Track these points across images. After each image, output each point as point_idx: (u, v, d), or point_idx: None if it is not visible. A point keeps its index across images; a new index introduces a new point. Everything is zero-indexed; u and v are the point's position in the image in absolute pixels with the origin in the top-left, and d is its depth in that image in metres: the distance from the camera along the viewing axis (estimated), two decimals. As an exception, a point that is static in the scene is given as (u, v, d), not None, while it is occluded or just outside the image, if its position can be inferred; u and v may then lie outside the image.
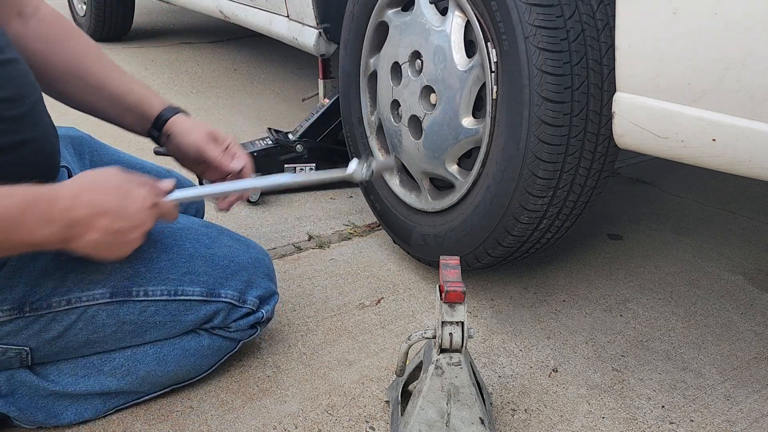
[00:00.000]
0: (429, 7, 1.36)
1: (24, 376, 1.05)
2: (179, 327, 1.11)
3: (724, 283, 1.57)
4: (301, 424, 1.11)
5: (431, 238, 1.44)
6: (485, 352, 1.31)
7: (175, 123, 1.17)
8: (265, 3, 2.18)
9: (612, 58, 1.11)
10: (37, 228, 0.86)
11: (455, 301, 0.95)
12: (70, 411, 1.08)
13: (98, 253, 0.93)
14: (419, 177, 1.49)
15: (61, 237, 0.89)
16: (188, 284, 1.10)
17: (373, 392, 1.19)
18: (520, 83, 1.16)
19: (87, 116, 1.19)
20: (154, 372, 1.11)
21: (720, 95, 0.93)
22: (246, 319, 1.15)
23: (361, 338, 1.34)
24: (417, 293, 1.50)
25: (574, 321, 1.41)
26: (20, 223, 0.85)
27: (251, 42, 3.83)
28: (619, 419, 1.14)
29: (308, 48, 2.02)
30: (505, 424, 1.12)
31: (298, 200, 1.96)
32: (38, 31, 1.12)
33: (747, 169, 0.95)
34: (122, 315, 1.06)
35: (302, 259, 1.63)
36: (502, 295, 1.49)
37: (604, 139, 1.20)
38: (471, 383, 0.99)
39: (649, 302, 1.48)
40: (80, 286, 1.03)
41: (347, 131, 1.70)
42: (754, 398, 1.20)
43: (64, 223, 0.88)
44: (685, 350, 1.33)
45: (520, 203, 1.22)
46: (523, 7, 1.13)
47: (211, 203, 1.87)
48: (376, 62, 1.56)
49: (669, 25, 0.95)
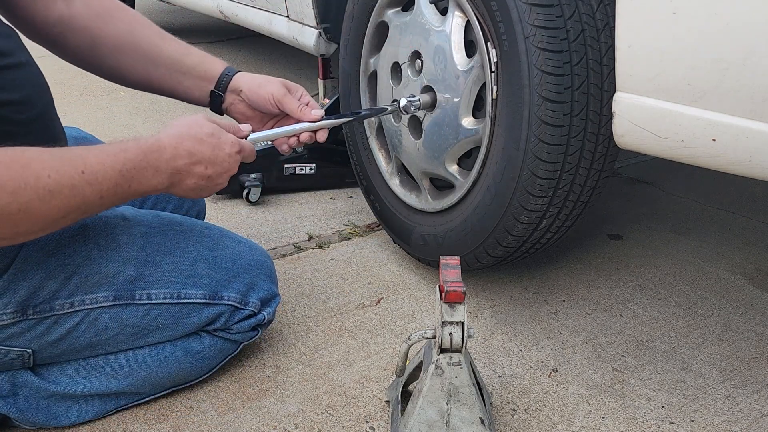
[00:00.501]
0: (429, 7, 1.36)
1: (25, 378, 1.05)
2: (182, 329, 1.11)
3: (724, 283, 1.57)
4: (301, 424, 1.11)
5: (431, 238, 1.44)
6: (485, 352, 1.31)
7: (243, 79, 1.19)
8: (265, 3, 2.18)
9: (612, 58, 1.11)
10: (149, 178, 0.94)
11: (455, 301, 0.95)
12: (70, 412, 1.08)
13: (192, 195, 1.01)
14: (419, 177, 1.49)
15: (167, 184, 0.96)
16: (191, 287, 1.10)
17: (373, 392, 1.19)
18: (520, 83, 1.16)
19: (88, 117, 1.19)
20: (155, 373, 1.11)
21: (720, 95, 0.93)
22: (247, 321, 1.15)
23: (361, 338, 1.34)
24: (417, 293, 1.50)
25: (574, 321, 1.41)
26: (136, 175, 0.92)
27: (251, 42, 3.83)
28: (619, 419, 1.14)
29: (308, 48, 2.02)
30: (505, 424, 1.12)
31: (298, 200, 1.96)
32: (84, 10, 1.13)
33: (747, 169, 0.95)
34: (125, 318, 1.06)
35: (302, 259, 1.63)
36: (502, 295, 1.49)
37: (604, 139, 1.20)
38: (471, 383, 0.99)
39: (649, 302, 1.48)
40: (84, 289, 1.03)
41: (347, 131, 1.70)
42: (754, 398, 1.20)
43: (169, 173, 0.96)
44: (685, 350, 1.33)
45: (520, 203, 1.22)
46: (523, 7, 1.13)
47: (212, 203, 1.87)
48: (376, 62, 1.56)
49: (669, 25, 0.95)
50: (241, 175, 1.90)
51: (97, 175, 0.87)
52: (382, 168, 1.60)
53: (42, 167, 0.82)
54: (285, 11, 2.09)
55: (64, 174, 0.84)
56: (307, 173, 1.99)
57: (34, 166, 0.82)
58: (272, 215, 1.86)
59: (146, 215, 1.14)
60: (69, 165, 0.85)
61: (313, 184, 2.01)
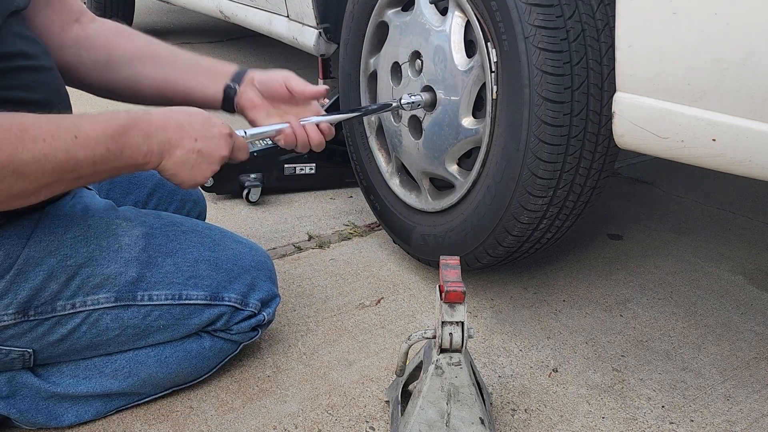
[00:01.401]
0: (429, 7, 1.36)
1: (25, 378, 1.05)
2: (183, 330, 1.11)
3: (724, 283, 1.57)
4: (301, 424, 1.11)
5: (431, 238, 1.44)
6: (485, 352, 1.31)
7: (256, 71, 1.25)
8: (265, 3, 2.18)
9: (612, 58, 1.11)
10: (139, 144, 0.95)
11: (455, 301, 0.95)
12: (70, 413, 1.08)
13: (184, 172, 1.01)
14: (419, 177, 1.49)
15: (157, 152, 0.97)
16: (192, 288, 1.10)
17: (373, 392, 1.19)
18: (520, 83, 1.16)
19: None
20: (155, 374, 1.11)
21: (720, 95, 0.93)
22: (248, 322, 1.15)
23: (361, 338, 1.34)
24: (417, 293, 1.50)
25: (574, 321, 1.41)
26: (127, 141, 0.94)
27: (251, 42, 3.83)
28: (619, 419, 1.14)
29: (308, 48, 2.02)
30: (505, 424, 1.12)
31: (298, 200, 1.96)
32: (101, 29, 1.20)
33: (747, 169, 0.95)
34: (126, 319, 1.06)
35: (302, 259, 1.63)
36: (502, 295, 1.49)
37: (604, 139, 1.20)
38: (471, 383, 0.99)
39: (649, 302, 1.48)
40: (85, 290, 1.03)
41: (347, 131, 1.70)
42: (754, 398, 1.20)
43: (158, 141, 0.97)
44: (685, 350, 1.33)
45: (520, 203, 1.22)
46: (523, 7, 1.13)
47: (212, 203, 1.87)
48: (376, 62, 1.56)
49: (669, 25, 0.95)
50: (241, 175, 1.90)
51: (90, 140, 0.90)
52: (382, 168, 1.60)
53: (38, 132, 0.86)
54: (285, 11, 2.09)
55: (59, 138, 0.88)
56: (307, 173, 1.99)
57: (31, 131, 0.85)
58: (272, 215, 1.86)
59: (148, 216, 1.14)
60: (64, 130, 0.88)
61: (313, 184, 2.01)
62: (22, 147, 0.84)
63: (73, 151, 0.89)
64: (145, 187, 1.34)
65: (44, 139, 0.86)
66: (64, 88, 1.06)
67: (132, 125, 0.94)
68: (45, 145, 0.86)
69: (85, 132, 0.90)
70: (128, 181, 1.33)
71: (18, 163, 0.84)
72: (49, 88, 1.01)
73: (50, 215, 1.03)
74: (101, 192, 1.26)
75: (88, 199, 1.11)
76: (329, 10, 1.93)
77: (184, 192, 1.41)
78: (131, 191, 1.33)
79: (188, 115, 1.01)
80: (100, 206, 1.10)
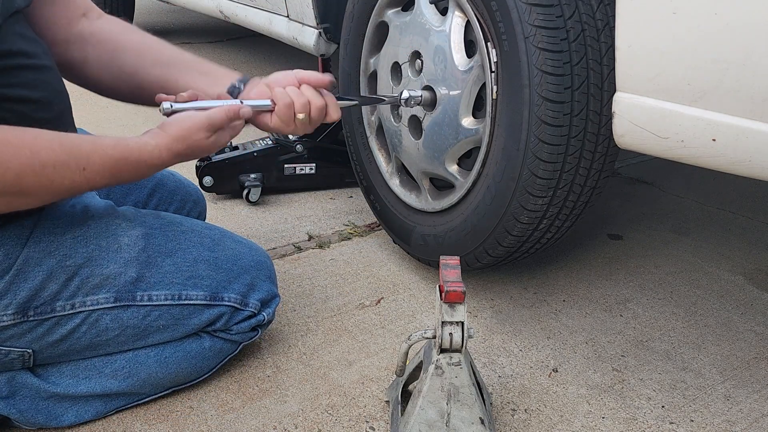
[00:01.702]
0: (429, 7, 1.36)
1: (25, 378, 1.05)
2: (182, 330, 1.11)
3: (724, 283, 1.57)
4: (301, 424, 1.11)
5: (431, 238, 1.44)
6: (485, 352, 1.31)
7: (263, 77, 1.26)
8: (265, 3, 2.18)
9: (612, 58, 1.11)
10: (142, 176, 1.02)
11: (455, 301, 0.95)
12: (70, 413, 1.08)
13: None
14: (419, 177, 1.49)
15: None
16: (192, 288, 1.10)
17: (373, 392, 1.19)
18: (520, 83, 1.16)
19: (88, 118, 1.20)
20: (155, 374, 1.11)
21: (720, 95, 0.93)
22: (247, 322, 1.15)
23: (361, 338, 1.34)
24: (417, 293, 1.50)
25: (574, 321, 1.41)
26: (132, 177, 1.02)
27: (251, 42, 3.83)
28: (619, 419, 1.14)
29: (308, 48, 2.02)
30: (505, 424, 1.12)
31: (298, 200, 1.96)
32: (107, 25, 1.20)
33: (747, 169, 0.95)
34: (126, 319, 1.06)
35: (302, 259, 1.63)
36: (502, 295, 1.49)
37: (604, 139, 1.20)
38: (471, 383, 0.99)
39: (649, 302, 1.48)
40: (85, 291, 1.03)
41: (347, 131, 1.70)
42: (754, 398, 1.20)
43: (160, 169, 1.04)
44: (685, 350, 1.33)
45: (520, 203, 1.22)
46: (523, 7, 1.13)
47: (212, 203, 1.87)
48: (376, 62, 1.56)
49: (669, 25, 0.95)
50: (241, 175, 1.90)
51: (96, 175, 0.95)
52: (382, 168, 1.60)
53: (49, 157, 0.89)
54: (285, 11, 2.09)
55: (67, 168, 0.91)
56: (307, 173, 1.99)
57: (42, 156, 0.88)
58: (272, 215, 1.86)
59: (147, 216, 1.14)
60: (74, 159, 0.92)
61: (313, 184, 2.01)
62: (30, 170, 0.87)
63: (78, 181, 0.93)
64: (145, 187, 1.35)
65: (54, 167, 0.89)
66: (64, 87, 1.07)
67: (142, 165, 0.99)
68: (53, 172, 0.89)
69: (94, 165, 0.94)
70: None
71: (23, 186, 0.87)
72: (49, 86, 1.02)
73: (50, 216, 1.03)
74: (101, 192, 1.26)
75: (87, 199, 1.11)
76: (329, 10, 1.93)
77: (184, 192, 1.41)
78: (131, 191, 1.33)
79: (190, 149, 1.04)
80: (100, 206, 1.10)
